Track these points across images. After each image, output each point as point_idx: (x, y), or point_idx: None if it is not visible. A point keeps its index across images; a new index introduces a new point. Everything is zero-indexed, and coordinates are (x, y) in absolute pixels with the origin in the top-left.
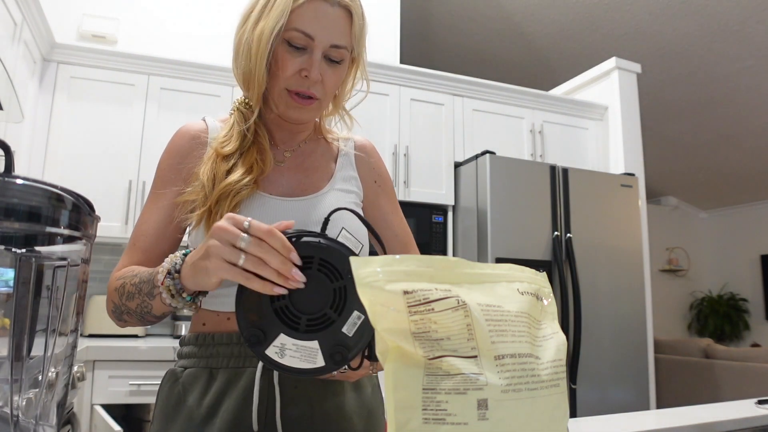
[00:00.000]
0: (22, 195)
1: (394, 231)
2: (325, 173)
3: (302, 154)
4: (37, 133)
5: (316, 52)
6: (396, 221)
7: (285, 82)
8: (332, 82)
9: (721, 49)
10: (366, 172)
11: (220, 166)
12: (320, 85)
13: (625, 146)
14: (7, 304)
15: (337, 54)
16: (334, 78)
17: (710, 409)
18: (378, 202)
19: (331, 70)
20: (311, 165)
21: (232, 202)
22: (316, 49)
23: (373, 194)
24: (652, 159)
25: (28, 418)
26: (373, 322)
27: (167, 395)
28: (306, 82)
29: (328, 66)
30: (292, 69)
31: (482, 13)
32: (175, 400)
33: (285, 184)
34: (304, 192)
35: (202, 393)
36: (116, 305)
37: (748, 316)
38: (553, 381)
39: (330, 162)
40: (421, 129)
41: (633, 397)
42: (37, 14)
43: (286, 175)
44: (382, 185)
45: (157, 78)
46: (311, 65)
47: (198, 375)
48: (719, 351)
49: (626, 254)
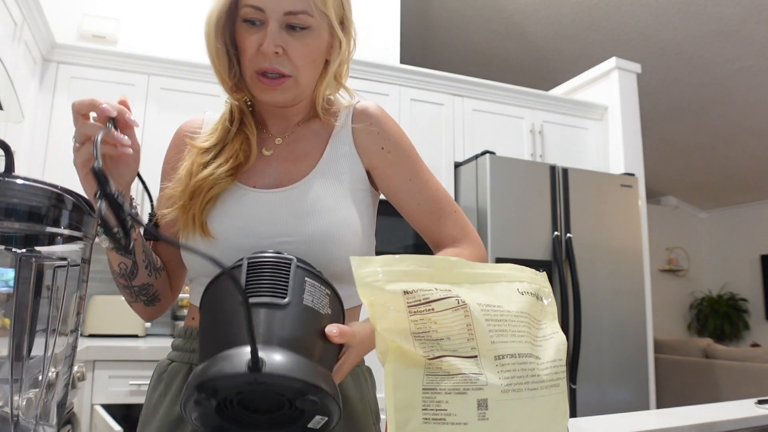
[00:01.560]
0: (22, 195)
1: (415, 200)
2: (314, 157)
3: (294, 139)
4: (37, 133)
5: (271, 23)
6: (416, 188)
7: (250, 63)
8: (300, 52)
9: (721, 50)
10: (369, 142)
11: (197, 160)
12: (285, 59)
13: (625, 146)
14: (8, 304)
15: (297, 20)
16: (302, 47)
17: (710, 409)
18: (389, 173)
19: (296, 39)
20: (301, 151)
21: (206, 196)
22: (270, 20)
23: (382, 164)
24: (652, 159)
25: (29, 418)
26: (373, 322)
27: (153, 388)
28: (265, 58)
29: (291, 36)
30: (250, 46)
31: (482, 13)
32: (158, 395)
33: (272, 174)
34: (290, 182)
35: (181, 389)
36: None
37: (748, 316)
38: (553, 381)
39: (323, 143)
40: (421, 129)
41: (633, 397)
42: (37, 14)
43: (274, 165)
44: (393, 150)
45: (157, 78)
46: (265, 37)
47: (179, 370)
48: (719, 351)
49: (626, 254)
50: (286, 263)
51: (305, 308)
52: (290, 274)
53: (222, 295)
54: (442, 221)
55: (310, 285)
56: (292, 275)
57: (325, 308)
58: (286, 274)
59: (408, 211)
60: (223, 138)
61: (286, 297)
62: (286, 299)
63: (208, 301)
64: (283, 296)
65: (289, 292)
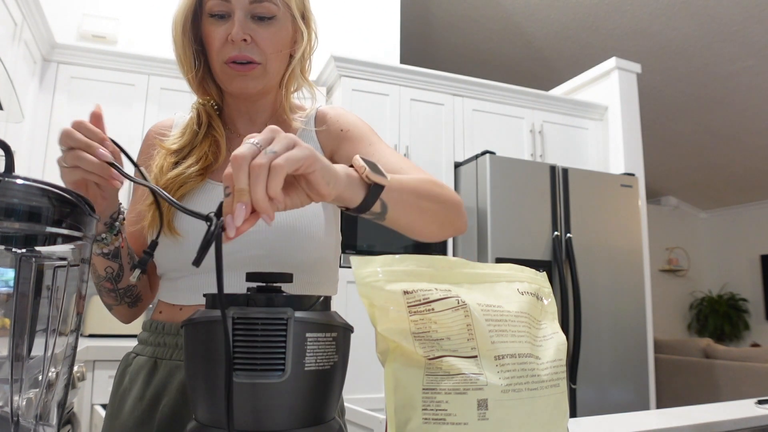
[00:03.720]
0: (22, 195)
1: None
2: None
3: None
4: (37, 133)
5: (237, 12)
6: (377, 153)
7: (219, 55)
8: (267, 40)
9: (721, 49)
10: (329, 134)
11: (167, 160)
12: (254, 47)
13: (625, 146)
14: (7, 304)
15: (262, 9)
16: (269, 35)
17: (710, 409)
18: (348, 147)
19: (263, 28)
20: None
21: (176, 194)
22: (236, 10)
23: (343, 142)
24: (652, 159)
25: (28, 418)
26: (373, 322)
27: (117, 384)
28: (235, 46)
29: (257, 25)
30: (218, 38)
31: (482, 13)
32: (122, 391)
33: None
34: None
35: (145, 384)
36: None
37: (748, 316)
38: (552, 381)
39: None
40: (421, 129)
41: (633, 397)
42: (37, 14)
43: None
44: (351, 129)
45: (157, 78)
46: (233, 26)
47: (143, 365)
48: (719, 351)
49: (626, 254)
50: (281, 322)
51: (307, 375)
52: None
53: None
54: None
55: (312, 341)
56: (290, 338)
57: (331, 359)
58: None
59: None
60: (191, 141)
61: (284, 369)
62: (284, 374)
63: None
64: (279, 369)
65: (287, 364)
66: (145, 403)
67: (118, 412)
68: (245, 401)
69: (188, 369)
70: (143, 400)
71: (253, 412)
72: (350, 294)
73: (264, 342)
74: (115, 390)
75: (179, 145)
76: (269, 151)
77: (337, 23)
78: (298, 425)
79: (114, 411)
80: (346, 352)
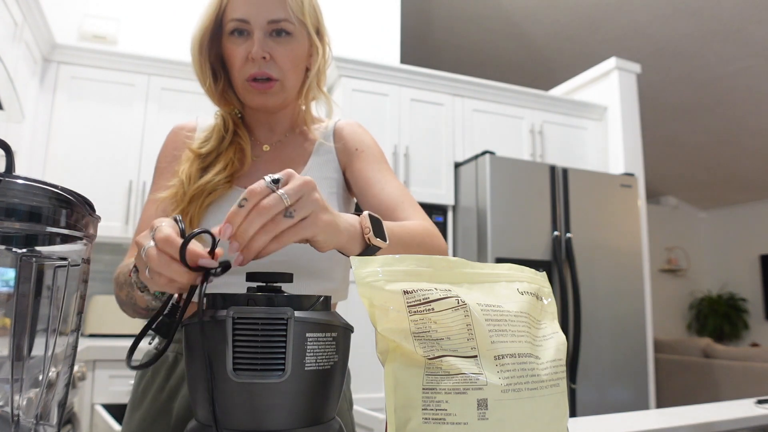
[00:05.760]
0: (22, 195)
1: (380, 185)
2: (300, 164)
3: (281, 147)
4: (37, 133)
5: (256, 32)
6: (383, 178)
7: (239, 72)
8: (285, 57)
9: (720, 50)
10: (346, 150)
11: (195, 165)
12: (272, 63)
13: (625, 146)
14: (8, 304)
15: (279, 27)
16: (286, 52)
17: (710, 408)
18: (359, 166)
19: (281, 45)
20: (287, 157)
21: (206, 201)
22: (255, 30)
23: (355, 160)
24: (651, 159)
25: (29, 418)
26: (373, 321)
27: (140, 376)
28: (255, 64)
29: (275, 42)
30: (239, 57)
31: (482, 13)
32: (144, 383)
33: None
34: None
35: (166, 378)
36: (116, 295)
37: (748, 315)
38: (552, 381)
39: (307, 152)
40: (421, 129)
41: (633, 397)
42: (37, 14)
43: (262, 168)
44: (365, 150)
45: (158, 78)
46: (253, 45)
47: (165, 359)
48: (719, 351)
49: (626, 254)
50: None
51: (307, 374)
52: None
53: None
54: (401, 207)
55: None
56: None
57: (332, 359)
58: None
59: (373, 194)
60: (217, 146)
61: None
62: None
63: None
64: (280, 369)
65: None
66: (164, 395)
67: (140, 401)
68: (245, 401)
69: (188, 369)
70: (163, 392)
71: (253, 411)
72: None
73: (264, 342)
74: (138, 382)
75: (206, 150)
76: (288, 215)
77: (337, 23)
78: (298, 425)
79: (136, 400)
80: (347, 352)
